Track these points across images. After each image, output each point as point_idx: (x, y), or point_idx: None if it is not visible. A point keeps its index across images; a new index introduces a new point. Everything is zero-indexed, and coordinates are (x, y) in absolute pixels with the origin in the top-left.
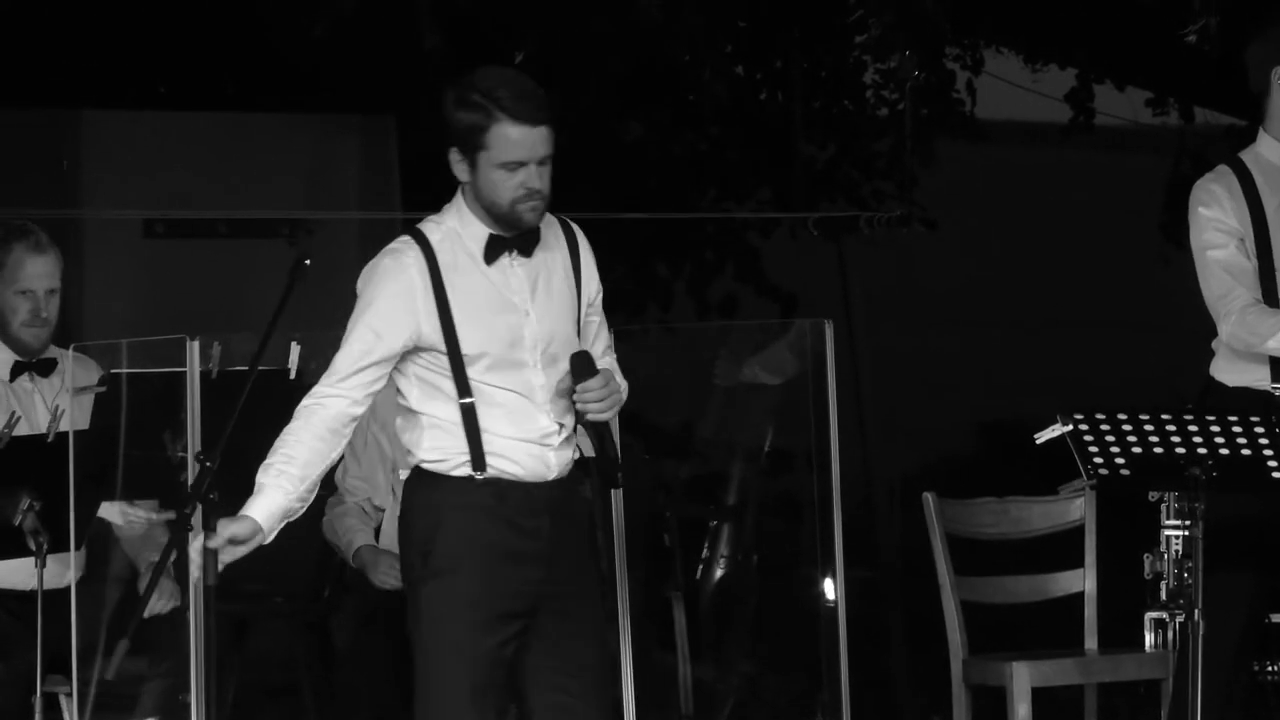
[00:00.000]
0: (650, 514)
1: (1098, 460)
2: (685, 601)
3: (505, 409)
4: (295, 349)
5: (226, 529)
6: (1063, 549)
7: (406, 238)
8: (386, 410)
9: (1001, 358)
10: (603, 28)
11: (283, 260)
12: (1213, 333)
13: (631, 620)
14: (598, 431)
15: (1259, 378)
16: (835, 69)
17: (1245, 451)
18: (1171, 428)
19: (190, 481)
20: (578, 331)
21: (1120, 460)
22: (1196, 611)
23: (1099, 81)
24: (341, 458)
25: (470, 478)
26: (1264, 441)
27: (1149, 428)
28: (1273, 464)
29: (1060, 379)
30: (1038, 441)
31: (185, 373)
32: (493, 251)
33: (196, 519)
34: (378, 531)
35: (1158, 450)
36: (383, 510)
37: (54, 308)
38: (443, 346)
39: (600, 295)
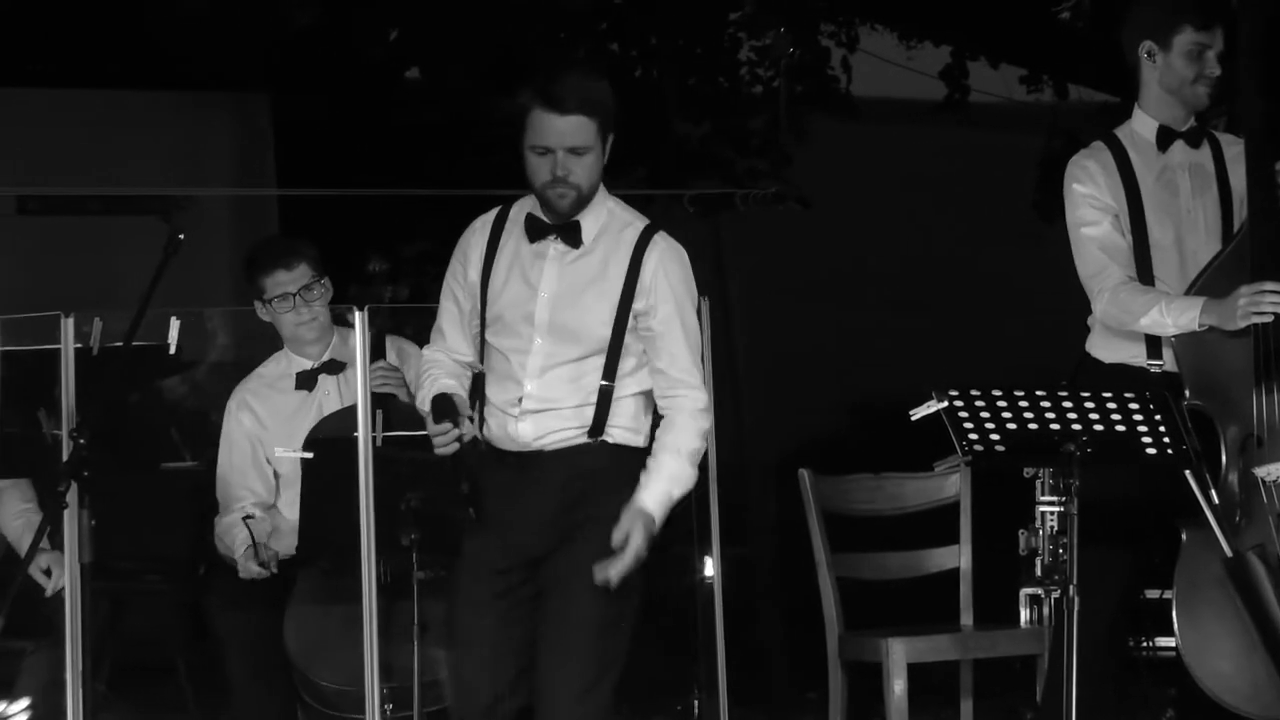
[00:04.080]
0: None
1: (973, 437)
2: None
3: (493, 372)
4: (175, 324)
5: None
6: (938, 525)
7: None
8: (261, 405)
9: (877, 334)
10: (478, 5)
11: (158, 237)
12: (1087, 309)
13: None
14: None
15: (1134, 354)
16: (710, 46)
17: (1120, 428)
18: (1046, 404)
19: (65, 458)
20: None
21: (995, 437)
22: (1071, 587)
23: (973, 59)
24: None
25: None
26: (1138, 418)
27: (1024, 404)
28: (1147, 440)
29: (935, 355)
30: (913, 418)
31: (60, 350)
32: (533, 231)
33: (71, 495)
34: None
35: (1032, 426)
36: (270, 507)
37: None
38: (479, 307)
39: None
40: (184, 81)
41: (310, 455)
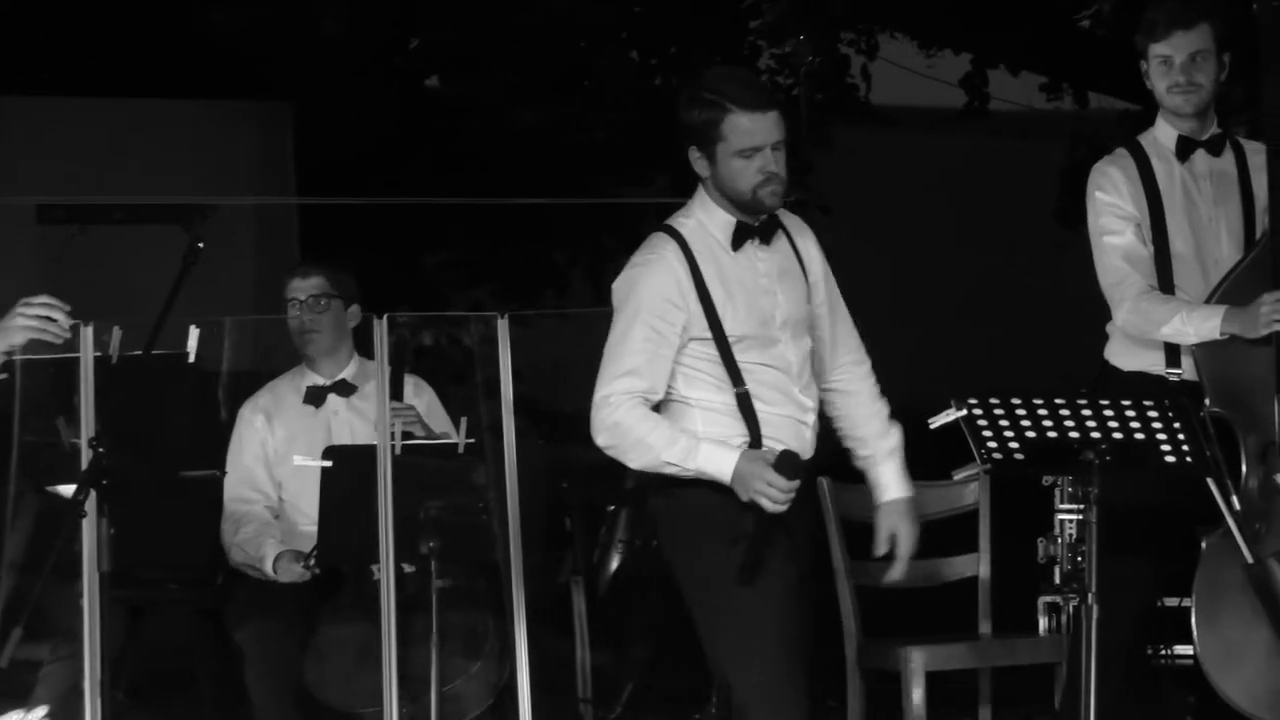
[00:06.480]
0: (549, 499)
1: (991, 445)
2: (585, 587)
3: (769, 387)
4: (194, 333)
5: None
6: (957, 533)
7: (662, 235)
8: (273, 413)
9: (896, 342)
10: (499, 15)
11: (178, 247)
12: (1107, 317)
13: (528, 606)
14: None
15: (1153, 362)
16: (730, 54)
17: (1139, 436)
18: (1065, 412)
19: (84, 467)
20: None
21: (1014, 444)
22: (1090, 595)
23: (993, 67)
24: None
25: None
26: (1157, 425)
27: (1043, 412)
28: (1166, 448)
29: (955, 363)
30: (931, 426)
31: (79, 358)
32: (739, 238)
33: (90, 504)
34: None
35: (1051, 434)
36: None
37: None
38: (708, 333)
39: (827, 280)
40: (206, 90)
41: (329, 464)
